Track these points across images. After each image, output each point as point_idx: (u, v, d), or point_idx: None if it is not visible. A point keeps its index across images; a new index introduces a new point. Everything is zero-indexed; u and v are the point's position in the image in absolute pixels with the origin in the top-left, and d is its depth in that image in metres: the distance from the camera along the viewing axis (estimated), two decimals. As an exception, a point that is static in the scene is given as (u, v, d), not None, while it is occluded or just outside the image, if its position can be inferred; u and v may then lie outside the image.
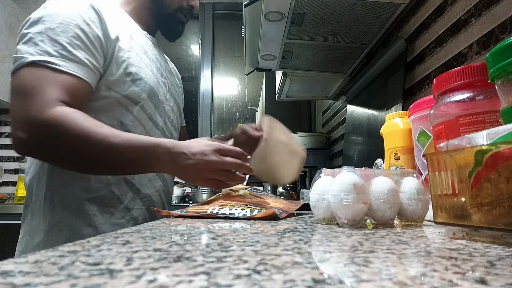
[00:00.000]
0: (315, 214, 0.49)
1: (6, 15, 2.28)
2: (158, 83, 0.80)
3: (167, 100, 0.83)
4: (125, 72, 0.72)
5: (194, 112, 2.85)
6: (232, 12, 2.80)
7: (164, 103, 0.82)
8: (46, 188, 0.69)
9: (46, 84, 0.61)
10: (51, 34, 0.63)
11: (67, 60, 0.63)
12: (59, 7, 0.67)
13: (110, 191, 0.71)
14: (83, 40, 0.66)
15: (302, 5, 1.08)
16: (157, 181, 0.79)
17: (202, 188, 1.94)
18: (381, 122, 0.91)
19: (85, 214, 0.69)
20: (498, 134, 0.30)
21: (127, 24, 0.77)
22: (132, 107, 0.73)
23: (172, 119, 0.85)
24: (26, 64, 0.61)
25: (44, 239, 0.68)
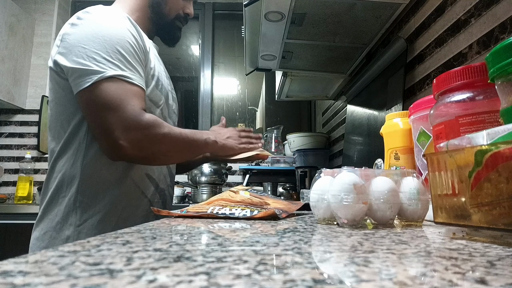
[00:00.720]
0: (315, 214, 0.49)
1: (6, 15, 2.28)
2: (169, 88, 0.90)
3: (172, 104, 0.92)
4: (153, 78, 0.81)
5: (194, 112, 2.85)
6: (232, 12, 2.80)
7: (172, 106, 0.92)
8: (78, 187, 0.75)
9: (130, 96, 0.70)
10: (114, 49, 0.71)
11: (133, 73, 0.73)
12: (108, 21, 0.75)
13: (136, 187, 0.80)
14: (136, 53, 0.75)
15: (302, 5, 1.08)
16: (168, 177, 0.90)
17: (202, 188, 1.94)
18: (381, 122, 0.91)
19: (115, 209, 0.77)
20: (498, 134, 0.30)
21: (138, 32, 0.81)
22: (154, 109, 0.82)
23: (174, 121, 0.94)
24: (105, 78, 0.69)
25: (74, 233, 0.73)
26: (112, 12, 0.78)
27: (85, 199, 0.74)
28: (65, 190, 0.75)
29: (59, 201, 0.75)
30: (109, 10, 0.78)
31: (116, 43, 0.72)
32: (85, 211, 0.74)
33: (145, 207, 0.82)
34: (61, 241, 0.72)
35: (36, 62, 2.58)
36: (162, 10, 0.92)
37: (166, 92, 0.86)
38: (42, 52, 2.58)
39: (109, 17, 0.76)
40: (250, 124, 2.91)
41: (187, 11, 0.96)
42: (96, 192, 0.75)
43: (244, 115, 2.93)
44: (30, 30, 2.54)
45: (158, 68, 0.85)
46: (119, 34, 0.73)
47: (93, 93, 0.69)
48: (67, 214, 0.74)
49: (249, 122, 2.91)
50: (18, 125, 2.53)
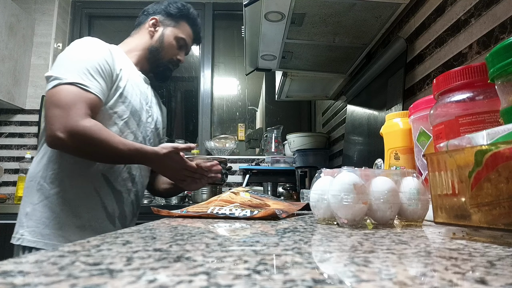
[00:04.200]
0: (315, 214, 0.49)
1: (6, 15, 2.28)
2: (142, 108, 1.04)
3: (148, 123, 1.07)
4: (119, 95, 0.96)
5: (194, 112, 2.85)
6: (232, 12, 2.80)
7: (146, 125, 1.06)
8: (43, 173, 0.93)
9: (81, 100, 0.85)
10: (82, 65, 0.89)
11: (92, 83, 0.88)
12: (89, 49, 0.94)
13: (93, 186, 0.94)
14: (102, 71, 0.92)
15: (302, 5, 1.08)
16: (129, 182, 1.01)
17: (202, 188, 1.94)
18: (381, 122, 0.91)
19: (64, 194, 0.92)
20: (498, 134, 0.30)
21: (128, 65, 1.04)
22: (118, 121, 0.96)
23: (150, 137, 1.08)
24: (64, 83, 0.86)
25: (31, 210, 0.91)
26: (93, 42, 0.97)
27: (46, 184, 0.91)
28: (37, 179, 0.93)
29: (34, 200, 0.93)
30: (92, 40, 0.97)
31: (85, 62, 0.90)
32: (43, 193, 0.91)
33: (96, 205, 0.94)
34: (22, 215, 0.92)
35: (36, 62, 2.58)
36: (159, 55, 1.11)
37: (134, 109, 1.00)
38: (42, 52, 2.58)
39: (88, 45, 0.95)
40: (250, 124, 2.91)
41: (179, 57, 1.15)
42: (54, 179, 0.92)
43: (244, 115, 2.93)
44: (30, 30, 2.54)
45: (134, 91, 1.01)
46: (90, 57, 0.91)
47: (51, 93, 0.86)
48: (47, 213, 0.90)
49: (249, 122, 2.91)
50: (18, 125, 2.53)
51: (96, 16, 2.83)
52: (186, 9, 1.15)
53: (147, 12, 1.14)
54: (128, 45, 1.10)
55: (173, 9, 1.13)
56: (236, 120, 2.88)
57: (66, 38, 2.72)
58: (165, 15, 1.13)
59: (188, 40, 1.16)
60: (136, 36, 1.12)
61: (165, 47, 1.11)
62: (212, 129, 2.67)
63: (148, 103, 1.08)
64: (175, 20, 1.13)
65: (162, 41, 1.11)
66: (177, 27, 1.13)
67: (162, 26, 1.12)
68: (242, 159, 2.46)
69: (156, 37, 1.11)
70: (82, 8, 2.78)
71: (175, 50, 1.13)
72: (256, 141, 2.59)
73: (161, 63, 1.12)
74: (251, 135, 2.63)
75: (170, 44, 1.11)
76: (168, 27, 1.12)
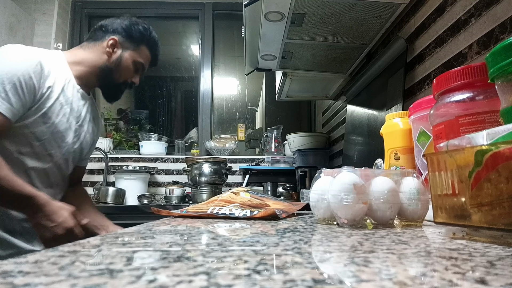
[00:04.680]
0: (315, 214, 0.49)
1: (6, 15, 2.28)
2: (70, 128, 1.00)
3: (73, 143, 1.03)
4: (42, 115, 0.92)
5: (194, 112, 2.85)
6: (232, 12, 2.80)
7: (69, 145, 1.02)
8: None
9: None
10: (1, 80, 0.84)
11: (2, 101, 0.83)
12: (15, 58, 0.88)
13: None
14: (20, 87, 0.86)
15: (302, 5, 1.08)
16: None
17: (202, 188, 1.94)
18: (381, 122, 0.91)
19: None
20: (498, 134, 0.30)
21: (65, 80, 0.98)
22: (34, 142, 0.92)
23: (68, 158, 1.04)
24: None
25: None
26: (22, 51, 0.90)
27: None
28: None
29: None
30: (22, 50, 0.91)
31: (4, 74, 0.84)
32: None
33: None
34: None
35: (36, 62, 2.58)
36: (112, 75, 1.07)
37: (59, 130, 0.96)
38: (42, 52, 2.58)
39: (16, 54, 0.89)
40: (250, 124, 2.91)
41: (134, 80, 1.12)
42: None
43: (244, 115, 2.93)
44: (30, 30, 2.54)
45: (63, 111, 0.97)
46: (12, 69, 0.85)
47: None
48: None
49: (249, 122, 2.91)
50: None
51: (96, 16, 2.83)
52: (148, 33, 1.11)
53: (105, 29, 1.07)
54: (75, 56, 1.05)
55: (134, 32, 1.08)
56: (236, 120, 2.88)
57: (66, 38, 2.72)
58: (126, 37, 1.07)
59: (146, 64, 1.13)
60: (88, 51, 1.06)
61: (120, 70, 1.07)
62: (212, 129, 2.67)
63: (80, 121, 1.05)
64: (136, 43, 1.09)
65: (119, 64, 1.06)
66: (137, 50, 1.09)
67: (121, 48, 1.07)
68: (242, 159, 2.46)
69: (113, 59, 1.06)
70: (82, 8, 2.78)
71: (131, 73, 1.09)
72: (256, 141, 2.59)
73: (112, 84, 1.08)
74: (251, 135, 2.63)
75: (127, 68, 1.08)
76: (127, 50, 1.08)
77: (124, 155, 2.41)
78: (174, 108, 3.04)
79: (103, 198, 1.90)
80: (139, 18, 1.16)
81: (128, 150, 2.50)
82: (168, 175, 2.38)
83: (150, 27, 1.13)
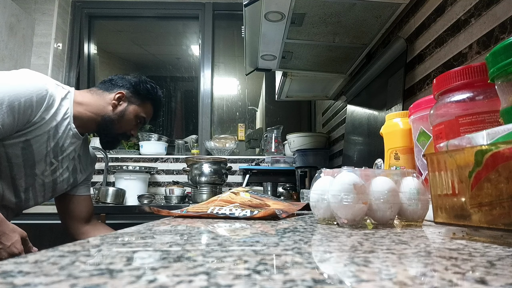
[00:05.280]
0: (315, 214, 0.49)
1: (6, 15, 2.28)
2: (44, 161, 1.00)
3: (44, 176, 1.03)
4: (24, 141, 0.93)
5: (194, 112, 2.85)
6: (232, 12, 2.80)
7: (38, 177, 1.01)
8: None
9: None
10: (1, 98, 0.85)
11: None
12: (25, 81, 0.91)
13: None
14: (18, 110, 0.87)
15: (302, 5, 1.08)
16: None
17: (202, 188, 1.94)
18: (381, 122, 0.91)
19: None
20: (498, 134, 0.30)
21: (63, 115, 1.00)
22: (3, 161, 0.92)
23: (37, 190, 1.04)
24: None
25: None
26: (33, 76, 0.93)
27: None
28: None
29: None
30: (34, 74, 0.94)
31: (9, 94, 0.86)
32: None
33: None
34: None
35: (36, 62, 2.58)
36: (113, 126, 1.10)
37: (32, 159, 0.96)
38: (42, 52, 2.58)
39: (33, 79, 0.92)
40: (250, 124, 2.91)
41: (132, 132, 1.16)
42: None
43: (244, 115, 2.93)
44: (30, 30, 2.54)
45: (45, 144, 0.97)
46: (20, 91, 0.88)
47: None
48: None
49: (249, 122, 2.91)
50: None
51: (96, 16, 2.83)
52: (154, 91, 1.17)
53: (115, 83, 1.13)
54: (83, 98, 1.08)
55: (142, 89, 1.14)
56: (236, 120, 2.88)
57: (66, 38, 2.72)
58: (133, 92, 1.13)
59: (147, 119, 1.18)
60: (96, 97, 1.10)
61: (122, 122, 1.11)
62: (212, 129, 2.67)
63: (58, 157, 1.04)
64: (141, 99, 1.14)
65: (122, 116, 1.11)
66: (141, 106, 1.14)
67: (127, 102, 1.12)
68: (242, 159, 2.46)
69: (117, 110, 1.10)
70: (82, 8, 2.78)
71: (131, 125, 1.14)
72: (256, 141, 2.59)
73: (112, 134, 1.12)
74: (251, 135, 2.63)
75: (129, 121, 1.12)
76: (132, 104, 1.13)
77: (124, 155, 2.41)
78: (174, 108, 3.04)
79: (103, 198, 1.90)
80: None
81: (128, 150, 2.50)
82: (168, 175, 2.38)
83: (157, 87, 1.19)
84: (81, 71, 2.70)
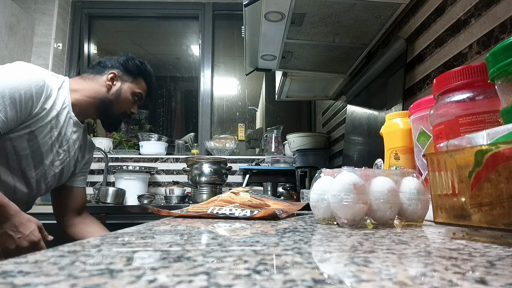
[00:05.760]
0: (315, 214, 0.49)
1: (6, 15, 2.28)
2: (51, 151, 1.02)
3: (53, 166, 1.05)
4: (29, 132, 0.94)
5: (194, 112, 2.85)
6: (232, 12, 2.80)
7: (47, 167, 1.03)
8: None
9: None
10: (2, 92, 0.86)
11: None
12: (22, 74, 0.91)
13: None
14: (19, 103, 0.88)
15: (302, 5, 1.08)
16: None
17: (202, 188, 1.94)
18: (381, 122, 0.91)
19: None
20: (498, 134, 0.30)
21: (62, 105, 1.01)
22: (12, 156, 0.94)
23: (49, 181, 1.06)
24: None
25: None
26: (28, 68, 0.94)
27: None
28: None
29: None
30: (29, 66, 0.95)
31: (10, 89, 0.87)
32: None
33: None
34: None
35: (36, 62, 2.58)
36: (112, 107, 1.12)
37: (39, 150, 0.98)
38: (42, 52, 2.58)
39: (29, 72, 0.93)
40: (250, 124, 2.91)
41: (133, 111, 1.18)
42: None
43: (244, 115, 2.93)
44: (30, 30, 2.54)
45: (50, 134, 0.99)
46: (19, 85, 0.89)
47: None
48: None
49: (249, 122, 2.91)
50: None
51: (96, 16, 2.83)
52: (144, 66, 1.19)
53: (104, 65, 1.16)
54: (77, 85, 1.09)
55: (132, 66, 1.16)
56: (236, 120, 2.88)
57: (66, 38, 2.72)
58: (124, 71, 1.15)
59: (143, 94, 1.20)
60: (89, 82, 1.12)
61: (120, 101, 1.13)
62: (212, 129, 2.67)
63: (64, 146, 1.06)
64: (133, 76, 1.16)
65: (119, 95, 1.13)
66: (134, 82, 1.16)
67: (120, 81, 1.14)
68: (242, 159, 2.46)
69: (113, 91, 1.12)
70: (82, 8, 2.78)
71: (130, 104, 1.16)
72: (256, 141, 2.59)
73: (113, 115, 1.14)
74: (251, 135, 2.63)
75: (127, 99, 1.14)
76: (126, 82, 1.15)
77: (124, 155, 2.41)
78: (174, 108, 3.04)
79: (103, 198, 1.90)
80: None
81: (128, 150, 2.50)
82: (168, 175, 2.38)
83: (145, 62, 1.22)
84: (81, 71, 2.70)
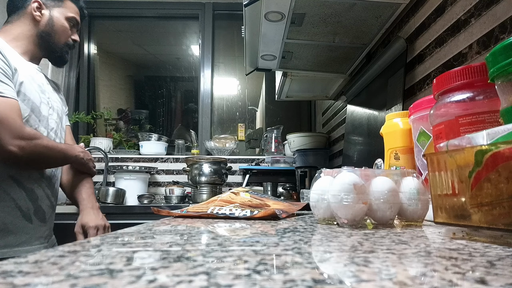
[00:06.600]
0: (315, 214, 0.49)
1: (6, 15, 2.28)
2: (41, 101, 1.01)
3: (50, 114, 1.05)
4: (19, 94, 0.94)
5: (194, 112, 2.85)
6: (232, 12, 2.80)
7: (48, 118, 1.04)
8: None
9: (9, 109, 0.87)
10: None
11: (5, 88, 0.88)
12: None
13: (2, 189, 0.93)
14: (5, 72, 0.90)
15: (302, 5, 1.08)
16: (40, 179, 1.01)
17: (202, 188, 1.94)
18: (381, 122, 0.91)
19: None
20: (498, 134, 0.30)
21: (18, 59, 0.99)
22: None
23: (54, 128, 1.08)
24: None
25: None
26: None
27: None
28: None
29: None
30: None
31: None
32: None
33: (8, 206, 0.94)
34: None
35: (36, 62, 2.57)
36: (52, 39, 1.06)
37: (35, 105, 0.98)
38: (42, 52, 2.58)
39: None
40: (250, 124, 2.91)
41: (73, 37, 1.12)
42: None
43: (244, 115, 2.93)
44: (30, 30, 2.53)
45: (32, 86, 0.99)
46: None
47: None
48: None
49: (249, 122, 2.91)
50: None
51: (96, 16, 2.83)
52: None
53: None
54: (10, 34, 1.03)
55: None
56: (236, 120, 2.88)
57: (66, 38, 2.72)
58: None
59: (77, 17, 1.12)
60: (18, 23, 1.04)
61: (57, 31, 1.06)
62: (212, 129, 2.67)
63: (46, 93, 1.05)
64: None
65: (52, 24, 1.05)
66: (63, 6, 1.08)
67: (47, 8, 1.05)
68: (242, 159, 2.46)
69: (44, 22, 1.04)
70: (82, 8, 2.78)
71: (68, 31, 1.09)
72: (256, 141, 2.59)
73: (56, 48, 1.07)
74: (251, 135, 2.63)
75: (63, 26, 1.07)
76: (54, 8, 1.06)
77: (124, 155, 2.41)
78: (174, 108, 3.04)
79: (103, 198, 1.90)
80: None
81: (128, 150, 2.50)
82: (168, 175, 2.38)
83: None
84: (81, 71, 2.70)
